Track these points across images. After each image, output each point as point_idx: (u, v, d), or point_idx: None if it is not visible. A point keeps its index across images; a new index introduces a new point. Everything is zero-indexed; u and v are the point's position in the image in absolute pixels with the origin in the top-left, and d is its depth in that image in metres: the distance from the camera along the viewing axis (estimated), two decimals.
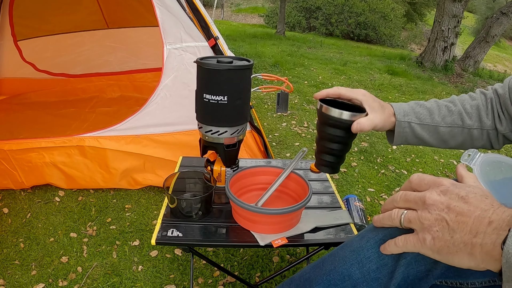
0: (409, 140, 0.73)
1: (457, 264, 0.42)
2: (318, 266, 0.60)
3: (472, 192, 0.42)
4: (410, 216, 0.45)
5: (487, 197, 0.42)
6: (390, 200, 0.50)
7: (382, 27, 10.53)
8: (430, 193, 0.44)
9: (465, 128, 0.71)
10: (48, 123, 2.12)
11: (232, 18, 14.11)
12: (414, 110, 0.71)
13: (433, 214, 0.43)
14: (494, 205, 0.41)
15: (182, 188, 1.02)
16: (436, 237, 0.42)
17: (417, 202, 0.45)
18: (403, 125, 0.71)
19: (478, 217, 0.40)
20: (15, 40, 2.45)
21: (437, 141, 0.73)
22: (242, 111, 0.97)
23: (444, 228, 0.42)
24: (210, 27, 1.55)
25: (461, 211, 0.41)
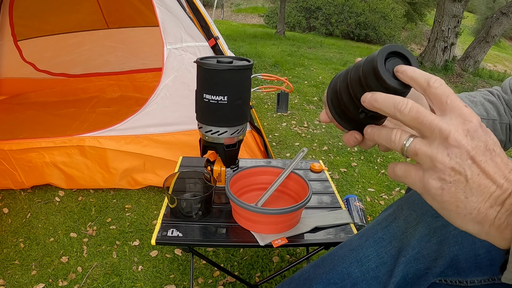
0: None
1: (458, 225, 0.35)
2: (318, 265, 0.60)
3: (499, 147, 0.33)
4: (419, 149, 0.34)
5: (508, 163, 0.33)
6: (392, 105, 0.35)
7: (382, 27, 10.53)
8: (455, 129, 0.32)
9: (490, 119, 0.66)
10: (48, 123, 2.12)
11: (232, 18, 14.11)
12: None
13: (452, 159, 0.32)
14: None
15: (182, 188, 1.02)
16: (445, 189, 0.33)
17: (434, 131, 0.33)
18: None
19: (502, 187, 0.32)
20: (15, 40, 2.45)
21: None
22: (242, 111, 0.97)
23: (461, 183, 0.32)
24: (210, 27, 1.55)
25: (487, 170, 0.32)
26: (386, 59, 0.37)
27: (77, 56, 2.72)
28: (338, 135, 2.67)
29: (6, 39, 2.41)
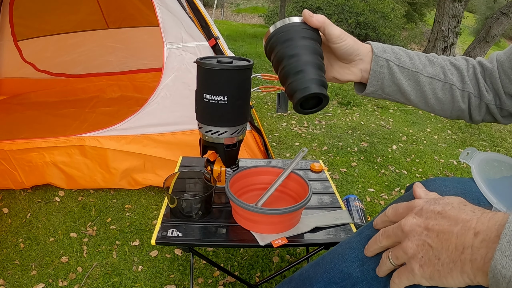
0: (384, 86, 0.63)
1: (455, 285, 0.38)
2: (318, 264, 0.60)
3: (448, 204, 0.39)
4: (395, 253, 0.43)
5: (465, 204, 0.39)
6: (373, 242, 0.48)
7: (382, 27, 10.52)
8: (405, 219, 0.42)
9: (447, 83, 0.63)
10: (48, 123, 2.12)
11: (232, 18, 14.11)
12: (393, 50, 0.63)
13: (413, 240, 0.40)
14: (476, 212, 0.37)
15: (182, 188, 1.02)
16: (423, 264, 0.39)
17: (396, 233, 0.43)
18: (381, 62, 0.61)
19: (461, 231, 0.36)
20: (15, 40, 2.45)
21: (416, 92, 0.64)
22: (242, 111, 0.97)
23: (428, 251, 0.38)
24: (211, 26, 1.55)
25: (441, 229, 0.38)
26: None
27: (77, 56, 2.72)
28: (338, 135, 2.68)
29: (6, 39, 2.41)
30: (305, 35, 0.56)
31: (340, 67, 0.63)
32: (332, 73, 0.64)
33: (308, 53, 0.55)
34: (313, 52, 0.55)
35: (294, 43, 0.55)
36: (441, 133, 2.96)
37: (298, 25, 0.56)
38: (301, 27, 0.56)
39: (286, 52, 0.55)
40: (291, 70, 0.55)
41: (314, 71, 0.54)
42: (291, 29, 0.56)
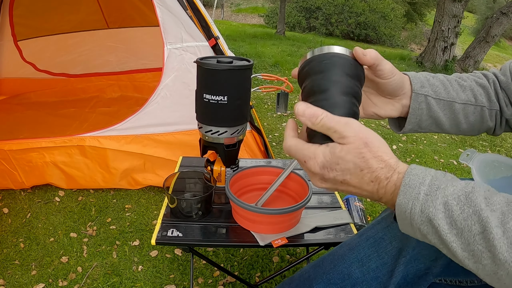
0: (422, 120, 0.62)
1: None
2: (318, 265, 0.60)
3: (346, 171, 0.42)
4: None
5: (361, 168, 0.41)
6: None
7: (382, 27, 10.53)
8: (314, 182, 0.46)
9: (478, 105, 0.63)
10: (48, 123, 2.12)
11: (232, 18, 14.11)
12: (429, 82, 0.61)
13: (324, 184, 0.45)
14: (375, 182, 0.42)
15: (182, 188, 1.02)
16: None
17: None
18: (420, 99, 0.60)
19: (369, 196, 0.44)
20: (15, 40, 2.45)
21: (450, 121, 0.63)
22: (242, 111, 0.97)
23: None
24: (211, 26, 1.55)
25: (351, 191, 0.44)
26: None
27: (77, 56, 2.71)
28: None
29: (6, 39, 2.41)
30: (348, 71, 0.48)
31: (383, 102, 0.61)
32: (374, 109, 0.61)
33: (344, 93, 0.47)
34: (351, 93, 0.48)
35: (332, 76, 0.48)
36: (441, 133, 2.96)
37: (343, 57, 0.49)
38: (346, 59, 0.49)
39: (319, 85, 0.48)
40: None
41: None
42: (333, 60, 0.48)
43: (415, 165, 0.42)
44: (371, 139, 0.42)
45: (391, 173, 0.41)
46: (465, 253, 0.37)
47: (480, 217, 0.36)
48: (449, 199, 0.38)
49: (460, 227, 0.37)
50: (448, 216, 0.37)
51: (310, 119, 0.43)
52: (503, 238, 0.34)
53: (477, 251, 0.36)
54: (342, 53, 0.48)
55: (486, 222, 0.35)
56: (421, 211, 0.39)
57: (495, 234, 0.34)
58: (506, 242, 0.34)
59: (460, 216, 0.37)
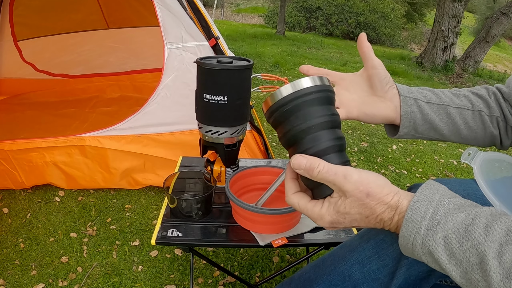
0: (417, 125, 0.62)
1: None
2: (318, 266, 0.60)
3: (354, 221, 0.45)
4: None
5: (366, 215, 0.44)
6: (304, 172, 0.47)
7: (382, 27, 10.54)
8: (326, 229, 0.50)
9: (476, 110, 0.63)
10: (48, 123, 2.12)
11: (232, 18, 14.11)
12: (418, 90, 0.63)
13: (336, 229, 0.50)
14: (380, 222, 0.45)
15: (182, 188, 1.02)
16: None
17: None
18: (409, 102, 0.61)
19: (378, 228, 0.47)
20: (15, 40, 2.44)
21: (448, 126, 0.63)
22: (242, 111, 0.97)
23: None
24: (211, 26, 1.55)
25: (361, 226, 0.47)
26: None
27: (77, 57, 2.71)
28: None
29: (6, 39, 2.41)
30: (323, 103, 0.46)
31: (375, 101, 0.61)
32: (366, 109, 0.62)
33: (328, 131, 0.46)
34: (331, 126, 0.46)
35: (311, 117, 0.45)
36: None
37: (313, 90, 0.45)
38: (317, 91, 0.46)
39: (302, 131, 0.45)
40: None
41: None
42: (305, 98, 0.45)
43: (418, 197, 0.43)
44: (372, 187, 0.44)
45: (393, 214, 0.44)
46: (463, 280, 0.40)
47: (478, 250, 0.38)
48: (449, 233, 0.40)
49: (459, 259, 0.39)
50: (448, 249, 0.40)
51: (308, 172, 0.44)
52: (499, 268, 0.36)
53: (474, 280, 0.38)
54: (306, 87, 0.45)
55: (483, 254, 0.37)
56: (422, 244, 0.41)
57: (491, 265, 0.36)
58: (502, 272, 0.35)
59: (459, 249, 0.39)
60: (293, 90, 0.45)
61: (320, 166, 0.44)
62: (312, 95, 0.45)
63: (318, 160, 0.44)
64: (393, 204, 0.44)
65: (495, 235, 0.37)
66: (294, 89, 0.45)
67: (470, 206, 0.42)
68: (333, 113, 0.47)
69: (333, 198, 0.45)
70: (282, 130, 0.47)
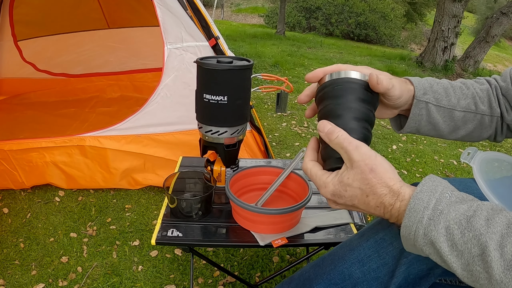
0: (421, 125, 0.64)
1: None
2: (318, 265, 0.60)
3: (354, 198, 0.46)
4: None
5: (367, 194, 0.45)
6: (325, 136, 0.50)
7: (382, 27, 10.53)
8: (328, 203, 0.51)
9: (478, 113, 0.64)
10: (48, 123, 2.12)
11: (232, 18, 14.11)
12: (432, 88, 0.63)
13: (338, 206, 0.50)
14: (380, 207, 0.45)
15: (182, 188, 1.02)
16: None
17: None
18: (421, 105, 0.62)
19: (379, 216, 0.47)
20: (15, 40, 2.45)
21: (449, 127, 0.65)
22: (242, 111, 0.97)
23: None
24: (211, 26, 1.55)
25: (362, 212, 0.49)
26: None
27: (77, 56, 2.71)
28: None
29: (6, 39, 2.41)
30: (362, 96, 0.51)
31: (384, 108, 0.62)
32: None
33: (356, 119, 0.50)
34: (363, 118, 0.50)
35: (346, 102, 0.50)
36: None
37: (357, 82, 0.51)
38: (359, 85, 0.51)
39: (334, 110, 0.51)
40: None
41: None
42: (348, 85, 0.51)
43: (421, 187, 0.43)
44: (377, 165, 0.45)
45: (394, 200, 0.44)
46: (465, 272, 0.40)
47: (480, 241, 0.38)
48: (451, 223, 0.40)
49: (460, 250, 0.39)
50: (449, 239, 0.40)
51: (328, 135, 0.48)
52: (500, 260, 0.36)
53: (475, 271, 0.38)
54: (356, 78, 0.51)
55: (485, 245, 0.37)
56: (424, 234, 0.42)
57: (493, 257, 0.36)
58: (503, 264, 0.36)
59: (460, 239, 0.39)
60: (350, 76, 0.51)
61: (340, 132, 0.47)
62: (366, 92, 0.51)
63: (340, 129, 0.48)
64: (395, 189, 0.44)
65: (497, 227, 0.38)
66: (350, 76, 0.51)
67: (472, 200, 0.42)
68: (371, 109, 0.52)
69: (340, 170, 0.48)
70: (326, 103, 0.52)
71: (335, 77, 0.52)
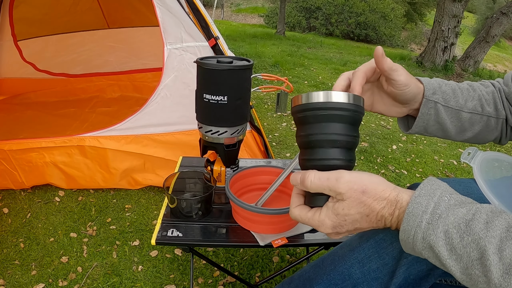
0: (429, 125, 0.64)
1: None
2: (318, 266, 0.60)
3: (355, 222, 0.46)
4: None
5: (367, 214, 0.45)
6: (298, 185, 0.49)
7: (382, 27, 10.53)
8: (330, 236, 0.49)
9: (484, 115, 0.65)
10: (48, 123, 2.12)
11: (232, 18, 14.11)
12: (441, 89, 0.62)
13: (341, 236, 0.49)
14: (378, 223, 0.45)
15: (182, 188, 1.02)
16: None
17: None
18: (430, 105, 0.61)
19: (381, 226, 0.47)
20: (15, 40, 2.45)
21: (456, 128, 0.65)
22: (242, 111, 0.97)
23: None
24: (211, 27, 1.55)
25: (365, 230, 0.48)
26: None
27: (77, 56, 2.71)
28: None
29: (6, 39, 2.41)
30: (346, 123, 0.46)
31: (392, 105, 0.62)
32: (380, 108, 0.63)
33: (340, 150, 0.47)
34: (347, 147, 0.47)
35: (329, 132, 0.46)
36: None
37: (341, 108, 0.46)
38: (344, 109, 0.46)
39: (315, 142, 0.47)
40: (317, 163, 0.48)
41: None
42: (331, 112, 0.46)
43: (419, 191, 0.43)
44: (366, 184, 0.44)
45: (393, 209, 0.44)
46: (464, 276, 0.40)
47: (479, 245, 0.38)
48: (450, 227, 0.40)
49: (459, 254, 0.39)
50: (448, 243, 0.40)
51: (303, 184, 0.47)
52: (499, 264, 0.36)
53: (474, 275, 0.38)
54: (339, 101, 0.46)
55: (484, 249, 0.37)
56: (423, 238, 0.41)
57: (491, 261, 0.36)
58: (502, 268, 0.36)
59: (459, 244, 0.39)
60: (330, 100, 0.46)
61: (311, 176, 0.46)
62: (346, 112, 0.46)
63: (309, 172, 0.46)
64: (392, 198, 0.44)
65: (496, 230, 0.37)
66: (330, 99, 0.46)
67: (471, 203, 0.42)
68: (356, 135, 0.48)
69: (330, 203, 0.46)
70: (303, 131, 0.48)
71: (315, 99, 0.46)
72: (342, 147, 0.46)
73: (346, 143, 0.46)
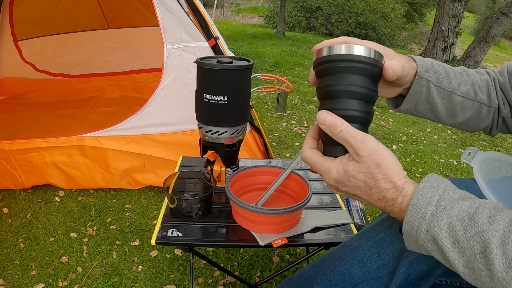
0: (419, 103, 0.62)
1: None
2: (318, 266, 0.60)
3: (357, 188, 0.46)
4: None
5: (370, 187, 0.45)
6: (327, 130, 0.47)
7: (382, 27, 10.53)
8: (329, 188, 0.49)
9: (477, 101, 0.64)
10: (48, 123, 2.12)
11: (232, 18, 14.10)
12: (434, 68, 0.61)
13: (339, 193, 0.50)
14: (382, 200, 0.45)
15: (182, 188, 1.02)
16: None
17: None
18: (422, 83, 0.60)
19: (379, 209, 0.47)
20: (15, 40, 2.45)
21: (447, 111, 0.64)
22: (242, 111, 0.97)
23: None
24: (210, 27, 1.55)
25: (363, 202, 0.48)
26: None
27: (77, 56, 2.71)
28: None
29: (6, 39, 2.41)
30: (365, 76, 0.47)
31: (385, 86, 0.60)
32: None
33: (359, 102, 0.47)
34: (366, 100, 0.48)
35: (348, 83, 0.47)
36: (441, 133, 2.96)
37: (361, 61, 0.47)
38: (364, 63, 0.47)
39: (335, 93, 0.48)
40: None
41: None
42: (352, 64, 0.47)
43: (424, 184, 0.43)
44: (383, 160, 0.44)
45: (397, 195, 0.44)
46: (466, 270, 0.39)
47: (482, 238, 0.38)
48: (454, 220, 0.40)
49: (462, 246, 0.39)
50: (452, 235, 0.40)
51: (330, 128, 0.46)
52: (502, 258, 0.36)
53: (477, 269, 0.38)
54: (360, 55, 0.46)
55: (487, 242, 0.37)
56: (426, 230, 0.41)
57: (495, 254, 0.36)
58: (505, 261, 0.36)
59: (463, 236, 0.39)
60: (353, 53, 0.47)
61: (343, 126, 0.45)
62: (366, 66, 0.47)
63: (342, 121, 0.46)
64: (399, 185, 0.44)
65: (499, 224, 0.38)
66: (353, 52, 0.47)
67: (474, 198, 0.42)
68: (375, 89, 0.49)
69: (345, 158, 0.46)
70: (323, 82, 0.49)
71: (337, 52, 0.47)
72: (360, 99, 0.47)
73: (365, 96, 0.47)
